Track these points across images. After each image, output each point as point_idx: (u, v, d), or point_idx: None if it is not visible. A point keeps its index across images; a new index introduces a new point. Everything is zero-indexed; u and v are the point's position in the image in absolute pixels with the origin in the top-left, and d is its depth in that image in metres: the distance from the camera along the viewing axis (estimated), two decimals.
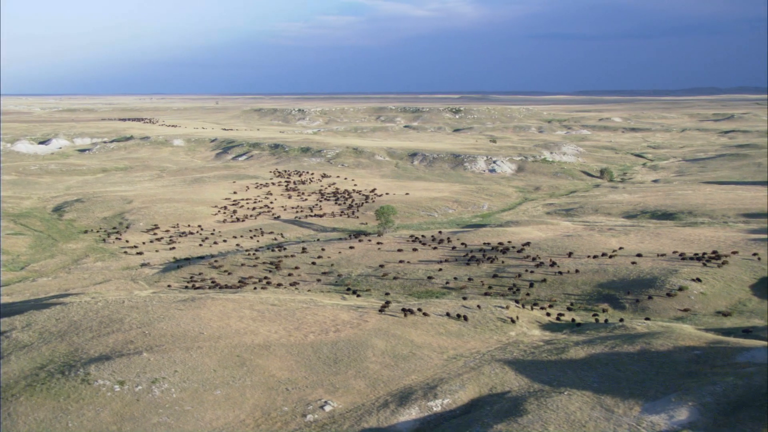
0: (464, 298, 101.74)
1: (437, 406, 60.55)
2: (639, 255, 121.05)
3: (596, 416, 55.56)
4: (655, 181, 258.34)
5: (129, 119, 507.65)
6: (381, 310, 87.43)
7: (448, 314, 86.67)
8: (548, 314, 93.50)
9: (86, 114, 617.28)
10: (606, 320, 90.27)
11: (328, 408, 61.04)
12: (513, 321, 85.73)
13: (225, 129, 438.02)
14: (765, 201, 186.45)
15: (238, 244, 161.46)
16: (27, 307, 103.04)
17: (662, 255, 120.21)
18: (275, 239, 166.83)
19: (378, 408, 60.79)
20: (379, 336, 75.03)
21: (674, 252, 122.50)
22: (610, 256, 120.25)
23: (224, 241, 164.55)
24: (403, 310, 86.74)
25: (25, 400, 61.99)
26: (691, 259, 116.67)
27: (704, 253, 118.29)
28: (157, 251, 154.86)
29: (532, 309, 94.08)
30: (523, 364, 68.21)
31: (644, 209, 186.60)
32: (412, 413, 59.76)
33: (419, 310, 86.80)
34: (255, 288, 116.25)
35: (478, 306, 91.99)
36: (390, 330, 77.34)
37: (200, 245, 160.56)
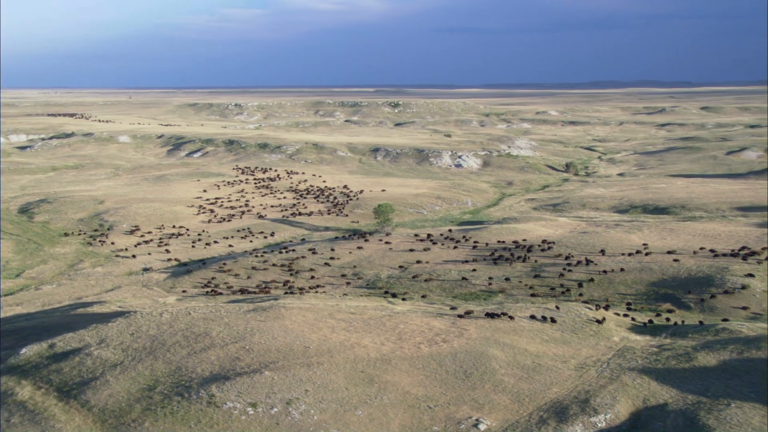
0: (530, 303, 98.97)
1: (601, 422, 57.41)
2: (670, 252, 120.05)
3: None
4: (620, 174, 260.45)
5: (59, 115, 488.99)
6: (461, 316, 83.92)
7: (533, 317, 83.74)
8: (617, 314, 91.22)
9: (8, 109, 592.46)
10: (683, 321, 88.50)
11: (482, 426, 57.28)
12: (599, 322, 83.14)
13: (163, 125, 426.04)
14: (749, 194, 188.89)
15: (230, 245, 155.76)
16: (60, 319, 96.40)
17: (695, 252, 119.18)
18: (266, 239, 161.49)
19: (536, 425, 57.34)
20: (491, 345, 71.45)
21: (701, 248, 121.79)
22: (646, 254, 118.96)
23: (215, 242, 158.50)
24: (487, 314, 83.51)
25: (150, 426, 56.72)
26: (725, 255, 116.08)
27: (740, 249, 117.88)
28: (149, 254, 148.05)
29: (606, 310, 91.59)
30: (659, 373, 65.56)
31: (631, 203, 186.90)
32: (576, 430, 56.49)
33: (503, 314, 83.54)
34: (286, 293, 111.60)
35: (557, 307, 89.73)
36: (497, 338, 73.87)
37: (193, 247, 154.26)
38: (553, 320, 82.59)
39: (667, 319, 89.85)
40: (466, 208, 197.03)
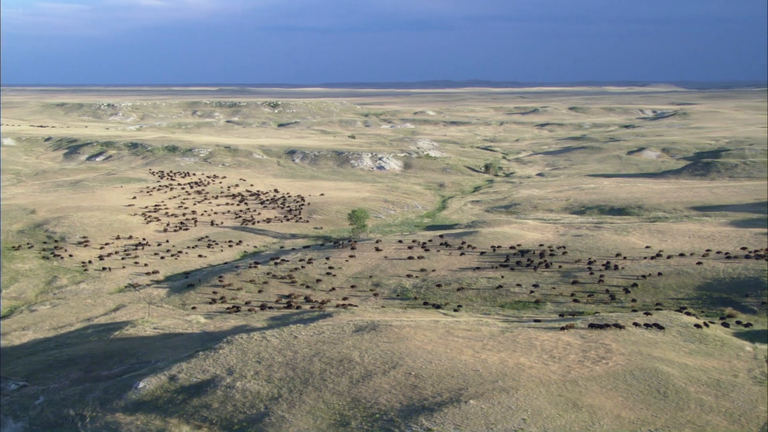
0: (583, 311, 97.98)
1: None
2: (682, 255, 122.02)
3: None
4: (539, 174, 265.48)
5: None
6: (564, 328, 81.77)
7: (636, 324, 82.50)
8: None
9: None
10: (748, 323, 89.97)
11: None
12: (698, 326, 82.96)
13: (35, 126, 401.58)
14: (689, 194, 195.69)
15: (200, 255, 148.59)
16: (108, 346, 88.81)
17: (704, 255, 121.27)
18: (233, 248, 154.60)
19: None
20: (653, 361, 69.49)
21: (708, 250, 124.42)
22: (668, 257, 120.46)
23: (180, 252, 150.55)
24: (591, 325, 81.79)
25: None
26: (737, 257, 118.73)
27: (753, 251, 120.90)
28: (124, 267, 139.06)
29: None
30: None
31: (583, 204, 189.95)
32: None
33: (614, 324, 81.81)
34: (312, 308, 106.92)
35: (646, 313, 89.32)
36: (649, 353, 72.13)
37: (162, 258, 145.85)
38: (659, 327, 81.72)
39: (738, 322, 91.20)
40: (419, 212, 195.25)
